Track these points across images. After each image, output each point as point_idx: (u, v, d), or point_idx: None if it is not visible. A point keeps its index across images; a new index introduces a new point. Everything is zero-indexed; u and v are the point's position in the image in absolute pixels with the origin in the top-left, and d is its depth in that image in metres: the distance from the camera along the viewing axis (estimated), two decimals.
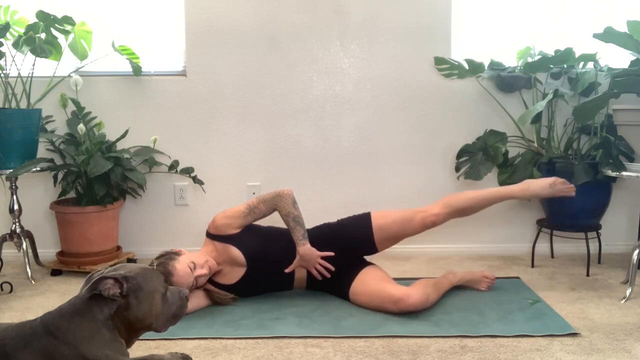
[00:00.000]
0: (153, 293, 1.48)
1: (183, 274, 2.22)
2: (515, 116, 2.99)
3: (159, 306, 1.49)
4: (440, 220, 2.45)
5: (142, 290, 1.46)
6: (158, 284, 1.51)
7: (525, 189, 2.48)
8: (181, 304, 1.57)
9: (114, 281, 1.42)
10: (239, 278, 2.41)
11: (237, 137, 3.18)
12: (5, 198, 3.11)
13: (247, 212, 2.42)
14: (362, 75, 3.15)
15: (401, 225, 2.45)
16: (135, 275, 1.46)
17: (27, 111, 2.82)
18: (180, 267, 2.23)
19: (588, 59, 2.92)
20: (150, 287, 1.48)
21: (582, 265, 2.90)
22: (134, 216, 3.21)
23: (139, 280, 1.46)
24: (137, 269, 1.50)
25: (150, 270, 1.53)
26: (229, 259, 2.40)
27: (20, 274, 2.88)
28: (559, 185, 2.46)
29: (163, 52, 3.15)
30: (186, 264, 2.24)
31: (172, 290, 1.57)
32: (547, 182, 2.47)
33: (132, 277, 1.45)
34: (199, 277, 2.28)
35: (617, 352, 1.94)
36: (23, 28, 2.78)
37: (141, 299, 1.45)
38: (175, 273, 2.21)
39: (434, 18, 3.10)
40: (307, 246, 2.39)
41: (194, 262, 2.26)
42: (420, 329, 2.12)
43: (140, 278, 1.47)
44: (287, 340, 2.06)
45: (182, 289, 1.60)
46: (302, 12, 3.10)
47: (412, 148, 3.20)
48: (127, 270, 1.48)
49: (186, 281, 2.23)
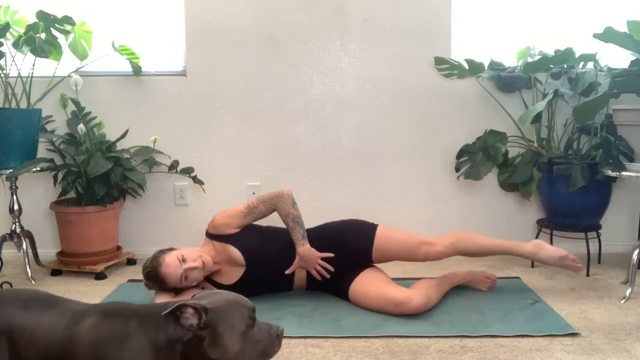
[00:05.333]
0: (232, 331, 1.36)
1: (171, 264, 2.22)
2: (515, 116, 2.99)
3: (238, 344, 1.36)
4: (443, 257, 2.46)
5: (220, 326, 1.35)
6: (239, 320, 1.38)
7: (536, 253, 2.48)
8: (270, 343, 1.41)
9: (194, 311, 1.34)
10: (238, 278, 2.41)
11: (237, 137, 3.18)
12: (5, 198, 3.11)
13: (246, 212, 2.43)
14: (362, 75, 3.15)
15: (403, 251, 2.45)
16: (215, 308, 1.36)
17: (27, 111, 2.82)
18: (169, 259, 2.24)
19: (588, 59, 2.92)
20: (229, 324, 1.36)
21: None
22: (134, 216, 3.21)
23: (217, 314, 1.35)
24: (222, 302, 1.39)
25: (235, 303, 1.40)
26: (228, 258, 2.40)
27: (20, 274, 2.88)
28: (568, 260, 2.45)
29: (163, 52, 3.15)
30: (175, 257, 2.24)
31: (262, 327, 1.43)
32: (559, 254, 2.45)
33: (212, 310, 1.35)
34: (190, 271, 2.24)
35: (617, 352, 1.94)
36: (23, 28, 2.78)
37: (216, 335, 1.34)
38: (163, 264, 2.22)
39: (434, 18, 3.10)
40: (306, 246, 2.39)
41: (183, 256, 2.25)
42: (420, 329, 2.12)
43: (218, 311, 1.36)
44: (287, 340, 2.06)
45: (274, 325, 1.44)
46: (302, 12, 3.10)
47: (412, 148, 3.20)
48: (209, 301, 1.38)
49: (174, 272, 2.22)
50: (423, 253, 2.43)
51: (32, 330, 1.39)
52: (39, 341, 1.37)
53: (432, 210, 3.23)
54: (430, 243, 2.44)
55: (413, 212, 3.22)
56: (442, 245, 2.44)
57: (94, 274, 2.84)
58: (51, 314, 1.42)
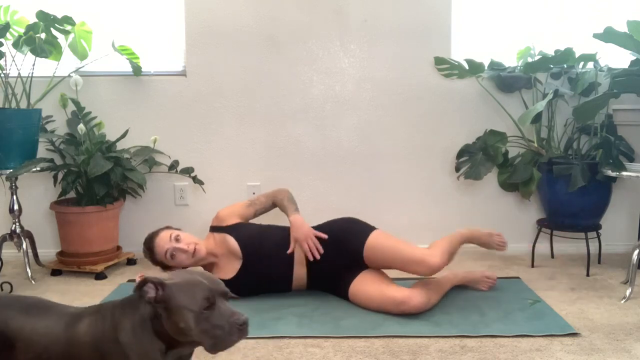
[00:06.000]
0: (182, 309, 1.34)
1: (163, 238, 2.35)
2: (515, 116, 2.99)
3: (191, 323, 1.34)
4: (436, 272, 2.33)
5: (171, 302, 1.34)
6: (192, 299, 1.35)
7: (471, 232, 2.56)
8: (229, 330, 1.35)
9: (153, 285, 1.35)
10: (236, 272, 2.43)
11: (237, 137, 3.18)
12: (5, 198, 3.11)
13: (248, 202, 2.60)
14: (362, 75, 3.15)
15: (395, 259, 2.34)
16: (171, 284, 1.36)
17: (27, 111, 2.82)
18: (163, 234, 2.37)
19: (588, 59, 2.92)
20: (180, 302, 1.34)
21: (582, 265, 2.90)
22: (134, 216, 3.21)
23: (172, 291, 1.34)
24: (183, 279, 1.38)
25: (195, 282, 1.38)
26: (226, 249, 2.45)
27: (20, 274, 2.88)
28: (495, 237, 2.53)
29: (163, 52, 3.15)
30: (169, 233, 2.36)
31: (224, 313, 1.37)
32: (487, 231, 2.56)
33: (168, 286, 1.35)
34: (176, 251, 2.33)
35: (617, 352, 1.94)
36: (23, 28, 2.78)
37: (169, 312, 1.34)
38: (157, 235, 2.37)
39: (434, 18, 3.10)
40: (299, 216, 2.45)
41: (179, 235, 2.36)
42: (420, 329, 2.12)
43: (174, 288, 1.35)
44: (287, 340, 2.06)
45: (237, 312, 1.37)
46: (302, 12, 3.10)
47: (412, 148, 3.20)
48: (172, 278, 1.38)
49: (161, 246, 2.33)
50: (413, 270, 2.31)
51: (29, 332, 1.40)
52: (37, 343, 1.39)
53: (432, 210, 3.23)
54: (430, 254, 2.30)
55: (413, 212, 3.22)
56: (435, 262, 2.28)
57: (94, 274, 2.84)
58: (48, 317, 1.45)
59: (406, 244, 2.37)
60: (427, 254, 2.30)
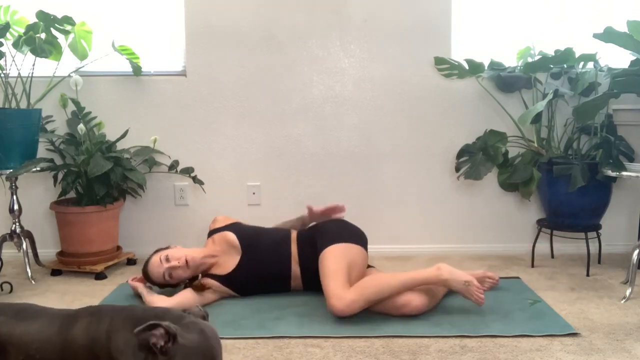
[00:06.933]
0: None
1: (153, 263, 2.40)
2: (515, 116, 2.99)
3: None
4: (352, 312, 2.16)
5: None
6: None
7: (439, 275, 2.19)
8: None
9: (165, 334, 1.27)
10: (234, 266, 2.45)
11: (237, 137, 3.18)
12: (5, 198, 3.11)
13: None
14: (362, 75, 3.15)
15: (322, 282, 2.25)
16: (182, 345, 1.29)
17: (27, 111, 2.82)
18: (153, 259, 2.42)
19: (588, 59, 2.92)
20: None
21: (582, 265, 2.90)
22: (134, 216, 3.21)
23: (179, 351, 1.27)
24: (194, 341, 1.31)
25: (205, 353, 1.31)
26: (226, 244, 2.49)
27: (20, 274, 2.88)
28: (472, 288, 2.17)
29: (163, 52, 3.15)
30: (158, 257, 2.41)
31: None
32: (464, 278, 2.17)
33: (179, 344, 1.28)
34: (171, 269, 2.37)
35: (617, 352, 1.94)
36: (23, 28, 2.78)
37: None
38: (149, 263, 2.42)
39: (434, 18, 3.10)
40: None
41: (167, 256, 2.40)
42: (420, 329, 2.12)
43: (183, 351, 1.27)
44: (287, 340, 2.06)
45: None
46: (302, 12, 3.10)
47: (412, 148, 3.20)
48: (187, 332, 1.31)
49: (156, 271, 2.39)
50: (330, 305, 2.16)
51: (20, 334, 1.41)
52: (29, 344, 1.39)
53: (432, 210, 3.22)
54: (339, 297, 2.13)
55: (413, 212, 3.22)
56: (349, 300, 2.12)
57: (94, 274, 2.84)
58: (40, 319, 1.46)
59: (338, 274, 2.20)
60: (336, 296, 2.13)
